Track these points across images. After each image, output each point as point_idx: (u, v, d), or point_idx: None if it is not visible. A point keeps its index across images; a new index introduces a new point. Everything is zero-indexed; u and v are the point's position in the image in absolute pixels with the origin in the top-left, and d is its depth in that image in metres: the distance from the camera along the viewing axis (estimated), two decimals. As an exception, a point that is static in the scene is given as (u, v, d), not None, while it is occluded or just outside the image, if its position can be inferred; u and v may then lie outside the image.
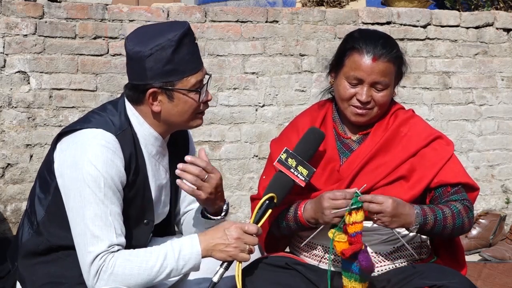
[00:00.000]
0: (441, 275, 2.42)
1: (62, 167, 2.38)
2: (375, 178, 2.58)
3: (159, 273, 2.34)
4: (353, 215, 2.35)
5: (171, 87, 2.38)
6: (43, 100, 4.08)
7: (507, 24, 4.86)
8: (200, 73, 2.43)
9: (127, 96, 2.47)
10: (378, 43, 2.59)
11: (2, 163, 4.01)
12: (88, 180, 2.31)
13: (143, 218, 2.50)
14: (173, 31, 2.38)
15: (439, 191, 2.60)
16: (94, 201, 2.31)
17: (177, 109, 2.43)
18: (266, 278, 2.46)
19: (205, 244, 2.37)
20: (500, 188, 4.86)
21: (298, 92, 4.53)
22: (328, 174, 2.63)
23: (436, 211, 2.49)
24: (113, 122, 2.42)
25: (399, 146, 2.63)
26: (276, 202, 2.50)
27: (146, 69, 2.36)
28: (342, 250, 2.35)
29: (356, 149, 2.66)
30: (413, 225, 2.43)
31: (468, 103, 4.82)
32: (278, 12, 4.52)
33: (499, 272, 3.94)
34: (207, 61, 4.35)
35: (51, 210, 2.44)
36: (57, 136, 2.46)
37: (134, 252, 2.36)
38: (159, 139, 2.50)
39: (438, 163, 2.60)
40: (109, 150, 2.35)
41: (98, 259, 2.30)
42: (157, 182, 2.53)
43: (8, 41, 4.01)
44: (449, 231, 2.51)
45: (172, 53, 2.35)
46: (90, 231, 2.31)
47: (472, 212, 2.58)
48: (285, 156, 2.53)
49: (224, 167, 4.41)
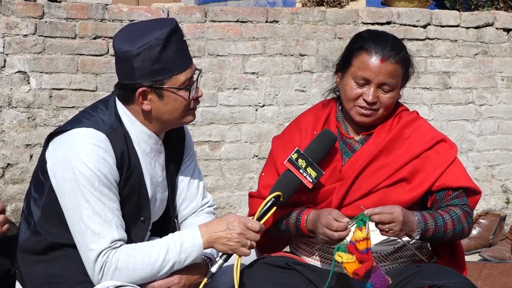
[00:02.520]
0: (441, 275, 2.42)
1: (55, 167, 2.39)
2: (377, 179, 2.58)
3: (162, 266, 2.35)
4: (363, 231, 2.33)
5: (160, 86, 2.38)
6: (43, 100, 4.08)
7: (507, 24, 4.86)
8: (189, 70, 2.42)
9: (118, 95, 2.48)
10: (387, 44, 2.58)
11: (2, 163, 4.01)
12: (81, 179, 2.32)
13: (139, 216, 2.50)
14: (160, 29, 2.37)
15: (440, 194, 2.60)
16: (91, 199, 2.32)
17: (167, 107, 2.42)
18: (266, 278, 2.46)
19: (207, 236, 2.39)
20: (500, 188, 4.86)
21: (298, 92, 4.53)
22: (330, 173, 2.63)
23: (436, 217, 2.50)
24: (104, 121, 2.42)
25: (402, 148, 2.63)
26: (281, 200, 2.50)
27: (134, 68, 2.36)
28: (355, 270, 2.30)
29: (359, 150, 2.66)
30: (415, 232, 2.44)
31: (468, 103, 4.82)
32: (278, 12, 4.52)
33: (499, 272, 3.94)
34: (207, 61, 4.36)
35: (46, 210, 2.44)
36: (48, 136, 2.47)
37: (136, 247, 2.37)
38: (153, 137, 2.50)
39: (440, 166, 2.60)
40: (100, 148, 2.35)
41: (101, 256, 2.31)
42: (153, 180, 2.53)
43: (8, 41, 4.01)
44: (449, 237, 2.51)
45: (160, 52, 2.34)
46: (90, 229, 2.31)
47: (471, 217, 2.59)
48: (296, 156, 2.53)
49: (224, 167, 4.41)
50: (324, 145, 2.58)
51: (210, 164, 4.38)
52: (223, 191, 4.41)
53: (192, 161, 2.75)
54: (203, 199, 2.75)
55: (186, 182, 2.70)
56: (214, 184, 4.39)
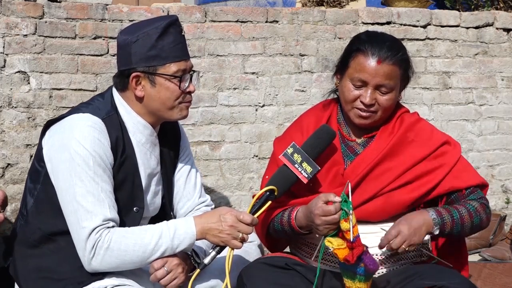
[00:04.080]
0: (441, 276, 2.42)
1: (50, 151, 2.44)
2: (381, 184, 2.58)
3: (154, 251, 2.37)
4: (348, 221, 2.33)
5: (153, 71, 2.45)
6: (43, 100, 4.08)
7: (507, 24, 4.86)
8: (183, 63, 2.49)
9: (115, 84, 2.56)
10: (384, 45, 2.58)
11: (2, 163, 4.01)
12: (76, 159, 2.36)
13: (132, 205, 2.53)
14: (160, 20, 2.47)
15: (454, 195, 2.61)
16: (85, 178, 2.35)
17: (159, 95, 2.48)
18: (265, 278, 2.46)
19: (200, 227, 2.42)
20: (500, 188, 4.86)
21: (298, 92, 4.53)
22: (332, 177, 2.62)
23: (452, 211, 2.51)
24: (100, 108, 2.49)
25: (405, 152, 2.62)
26: (276, 195, 2.50)
27: (131, 54, 2.45)
28: (345, 257, 2.31)
29: (361, 153, 2.65)
30: (433, 228, 2.46)
31: (468, 103, 4.82)
32: (278, 12, 4.52)
33: (499, 272, 3.94)
34: (207, 61, 4.36)
35: (39, 198, 2.47)
36: (45, 124, 2.53)
37: (130, 230, 2.40)
38: (148, 128, 2.55)
39: (445, 169, 2.60)
40: (95, 130, 2.40)
41: (94, 234, 2.33)
42: (147, 171, 2.57)
43: (8, 41, 4.00)
44: (468, 230, 2.54)
45: (156, 39, 2.43)
46: (83, 207, 2.33)
47: (489, 208, 2.62)
48: (291, 151, 2.53)
49: (224, 167, 4.41)
50: (321, 140, 2.57)
51: (210, 164, 4.38)
52: (223, 191, 4.41)
53: (189, 160, 2.78)
54: (200, 198, 2.77)
55: (183, 180, 2.73)
56: (214, 184, 4.38)
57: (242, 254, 2.68)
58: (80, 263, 2.38)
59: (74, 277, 2.40)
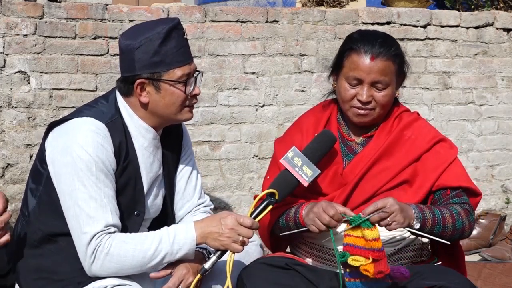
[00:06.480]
0: (441, 276, 2.43)
1: (53, 153, 2.43)
2: (379, 183, 2.58)
3: (153, 256, 2.37)
4: (375, 230, 2.33)
5: (158, 78, 2.43)
6: (43, 100, 4.08)
7: (507, 24, 4.86)
8: (187, 67, 2.47)
9: (118, 88, 2.53)
10: (376, 42, 2.58)
11: (2, 163, 4.01)
12: (79, 164, 2.35)
13: (133, 209, 2.52)
14: (162, 25, 2.44)
15: (438, 194, 2.59)
16: (87, 183, 2.34)
17: (164, 100, 2.47)
18: (266, 278, 2.46)
19: (200, 231, 2.41)
20: (500, 188, 4.86)
21: (298, 92, 4.53)
22: (331, 177, 2.62)
23: (433, 209, 2.49)
24: (103, 112, 2.48)
25: (402, 150, 2.62)
26: (277, 199, 2.50)
27: (135, 60, 2.42)
28: (379, 269, 2.29)
29: (359, 152, 2.65)
30: (414, 220, 2.42)
31: (468, 103, 4.82)
32: (278, 12, 4.52)
33: (499, 272, 3.94)
34: (207, 61, 4.36)
35: (42, 199, 2.47)
36: (48, 126, 2.52)
37: (130, 235, 2.40)
38: (151, 131, 2.54)
39: (440, 166, 2.59)
40: (99, 135, 2.39)
41: (94, 239, 2.33)
42: (149, 175, 2.56)
43: (8, 41, 4.00)
44: (449, 233, 2.49)
45: (159, 45, 2.41)
46: (85, 212, 2.33)
47: (472, 216, 2.56)
48: (292, 155, 2.54)
49: (224, 167, 4.41)
50: (322, 144, 2.57)
51: (210, 164, 4.38)
52: (223, 191, 4.41)
53: (191, 160, 2.77)
54: (199, 199, 2.76)
55: (184, 181, 2.72)
56: (214, 184, 4.39)
57: (243, 253, 2.67)
58: (81, 264, 2.38)
59: (74, 277, 2.40)
